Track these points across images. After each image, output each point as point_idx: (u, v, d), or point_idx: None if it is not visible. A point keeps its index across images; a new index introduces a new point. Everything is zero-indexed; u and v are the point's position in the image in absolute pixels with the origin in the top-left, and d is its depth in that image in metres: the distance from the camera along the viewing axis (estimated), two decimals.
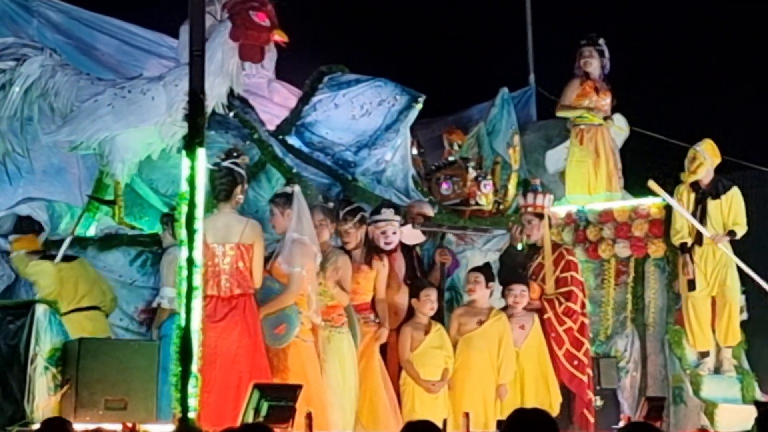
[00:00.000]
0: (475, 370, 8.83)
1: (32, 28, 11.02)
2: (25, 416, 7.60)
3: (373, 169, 10.77)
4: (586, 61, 11.29)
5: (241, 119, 10.15)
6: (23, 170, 9.89)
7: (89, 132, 9.36)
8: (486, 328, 8.93)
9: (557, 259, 9.45)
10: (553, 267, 9.41)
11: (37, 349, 7.71)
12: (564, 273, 9.39)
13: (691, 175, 10.31)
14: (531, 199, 9.66)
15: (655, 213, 10.63)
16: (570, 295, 9.35)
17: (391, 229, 8.99)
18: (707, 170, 10.30)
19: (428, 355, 8.76)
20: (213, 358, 7.50)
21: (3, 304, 8.30)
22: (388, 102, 10.98)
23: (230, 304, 7.86)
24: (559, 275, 9.39)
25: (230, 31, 9.16)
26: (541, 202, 9.61)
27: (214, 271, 7.82)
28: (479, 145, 12.00)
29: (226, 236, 7.92)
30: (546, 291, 9.37)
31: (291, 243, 8.11)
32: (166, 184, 9.77)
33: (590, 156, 11.15)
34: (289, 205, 8.23)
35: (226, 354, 7.75)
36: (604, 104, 11.33)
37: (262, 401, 7.26)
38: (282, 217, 8.27)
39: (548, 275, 9.36)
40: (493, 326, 8.95)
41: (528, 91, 13.42)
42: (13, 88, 9.42)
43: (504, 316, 9.06)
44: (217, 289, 7.84)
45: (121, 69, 11.15)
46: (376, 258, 8.82)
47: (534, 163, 11.92)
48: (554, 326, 9.29)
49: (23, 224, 9.21)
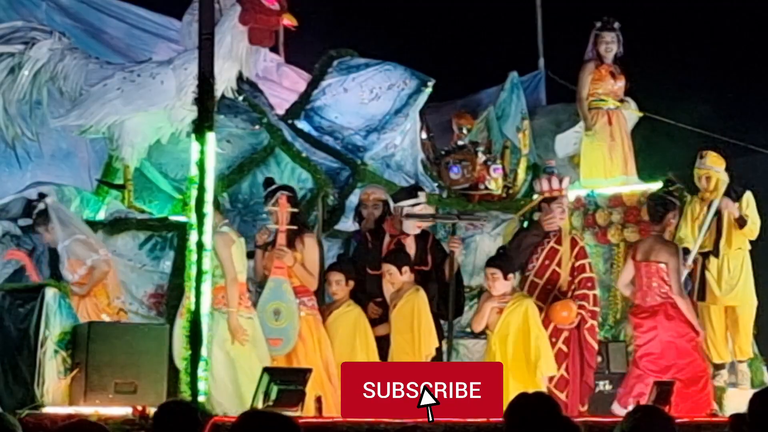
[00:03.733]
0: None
1: (41, 11, 11.01)
2: (35, 399, 7.63)
3: (382, 153, 10.76)
4: (607, 46, 11.17)
5: (250, 103, 10.14)
6: (32, 154, 9.90)
7: (98, 116, 9.36)
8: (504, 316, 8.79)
9: (571, 245, 9.27)
10: (569, 253, 9.21)
11: (47, 332, 7.74)
12: (580, 260, 9.22)
13: (712, 193, 10.10)
14: (547, 185, 9.37)
15: None
16: (588, 282, 9.20)
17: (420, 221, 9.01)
18: (723, 182, 10.18)
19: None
20: None
21: (12, 287, 8.33)
22: (398, 86, 10.96)
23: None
24: (575, 263, 9.20)
25: (240, 15, 9.14)
26: (558, 186, 9.34)
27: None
28: (488, 129, 11.97)
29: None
30: (562, 277, 9.16)
31: (67, 250, 8.47)
32: (176, 168, 9.77)
33: (605, 140, 11.09)
34: (48, 220, 8.57)
35: None
36: (619, 88, 11.28)
37: (272, 385, 7.28)
38: (49, 233, 8.62)
39: (565, 261, 9.21)
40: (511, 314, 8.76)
41: (537, 75, 13.37)
42: (22, 71, 9.41)
43: (524, 300, 8.82)
44: None
45: (130, 53, 11.14)
46: (299, 239, 8.64)
47: (543, 147, 11.89)
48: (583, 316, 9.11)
49: (32, 209, 9.21)
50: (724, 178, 10.13)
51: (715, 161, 10.18)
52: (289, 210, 8.59)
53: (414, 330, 8.59)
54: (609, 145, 11.07)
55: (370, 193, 9.43)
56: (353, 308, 8.77)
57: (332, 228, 9.92)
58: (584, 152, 11.20)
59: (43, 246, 9.07)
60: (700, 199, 10.23)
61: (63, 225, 8.60)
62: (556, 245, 9.20)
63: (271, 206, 8.65)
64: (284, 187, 8.88)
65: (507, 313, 8.72)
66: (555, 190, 9.29)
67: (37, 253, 9.27)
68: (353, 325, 8.70)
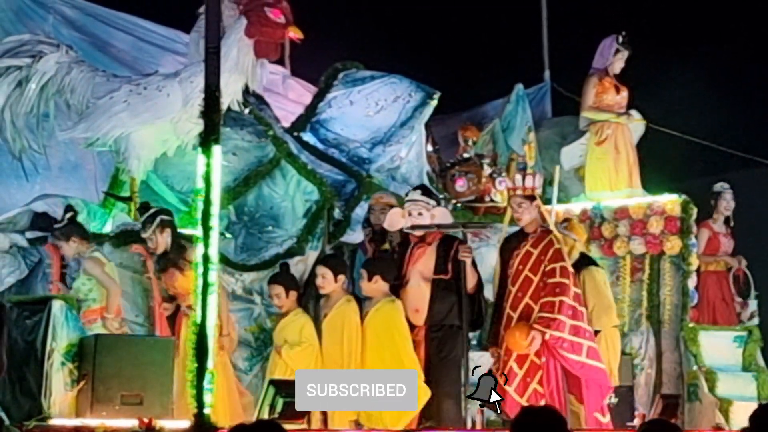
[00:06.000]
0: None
1: (48, 24, 11.06)
2: (42, 411, 7.65)
3: (387, 165, 10.76)
4: (621, 61, 11.18)
5: (256, 116, 10.16)
6: (39, 167, 9.94)
7: (105, 129, 9.39)
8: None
9: (545, 246, 8.49)
10: (541, 256, 8.49)
11: (53, 344, 7.76)
12: (552, 264, 8.42)
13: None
14: (519, 182, 8.62)
15: (671, 210, 10.61)
16: (557, 288, 8.42)
17: (415, 209, 8.59)
18: (577, 250, 9.36)
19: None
20: None
21: (19, 299, 8.36)
22: (403, 99, 10.97)
23: None
24: (546, 266, 8.42)
25: (245, 28, 9.18)
26: (531, 184, 8.61)
27: None
28: (494, 141, 11.99)
29: None
30: (534, 283, 8.44)
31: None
32: (182, 180, 9.78)
33: (610, 152, 11.10)
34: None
35: None
36: (622, 99, 11.30)
37: (278, 398, 7.29)
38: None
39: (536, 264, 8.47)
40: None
41: (543, 88, 13.40)
42: (30, 84, 9.45)
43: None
44: None
45: (137, 66, 11.19)
46: (183, 259, 8.58)
47: (549, 159, 11.89)
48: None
49: (40, 221, 9.25)
50: (580, 247, 9.51)
51: (576, 230, 9.66)
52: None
53: (344, 342, 8.41)
54: (614, 157, 11.08)
55: (378, 197, 9.44)
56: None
57: (338, 240, 9.93)
58: (589, 164, 11.21)
59: (50, 259, 9.10)
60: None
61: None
62: (531, 248, 8.56)
63: (150, 233, 8.78)
64: (162, 211, 8.95)
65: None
66: (527, 189, 8.63)
67: (43, 266, 9.30)
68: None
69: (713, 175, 11.84)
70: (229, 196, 9.56)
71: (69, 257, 8.87)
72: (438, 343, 8.43)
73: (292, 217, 9.90)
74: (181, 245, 8.70)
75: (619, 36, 11.17)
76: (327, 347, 8.46)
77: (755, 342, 10.59)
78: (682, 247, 10.51)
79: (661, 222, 10.58)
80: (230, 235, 9.59)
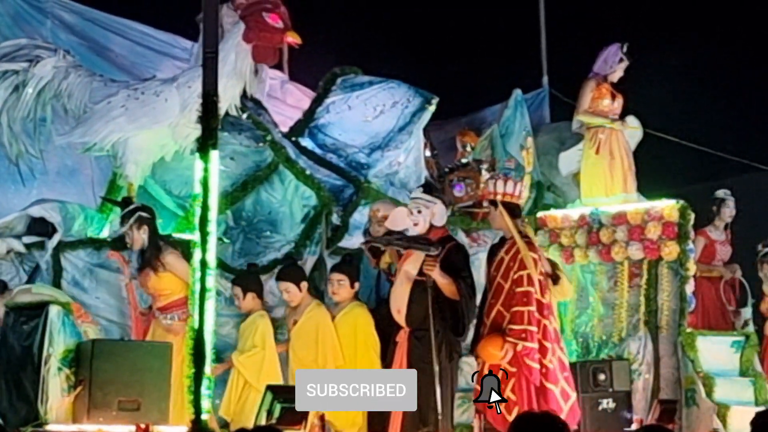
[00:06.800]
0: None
1: (46, 29, 11.06)
2: (39, 417, 7.64)
3: (386, 171, 10.76)
4: (620, 71, 11.18)
5: (254, 121, 10.16)
6: (36, 171, 9.92)
7: (102, 133, 9.38)
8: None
9: (515, 253, 8.44)
10: (511, 263, 8.44)
11: (50, 349, 7.75)
12: (520, 271, 8.38)
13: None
14: (501, 187, 8.61)
15: (669, 215, 10.59)
16: (524, 297, 8.37)
17: (416, 207, 8.50)
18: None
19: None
20: None
21: (17, 305, 8.33)
22: (401, 104, 10.98)
23: None
24: (515, 274, 8.40)
25: (243, 33, 9.17)
26: (511, 190, 8.56)
27: None
28: (492, 147, 11.98)
29: None
30: (505, 290, 8.45)
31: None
32: (180, 185, 9.78)
33: (605, 158, 11.10)
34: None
35: None
36: (617, 107, 11.31)
37: (275, 403, 7.27)
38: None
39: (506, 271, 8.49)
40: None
41: (541, 93, 13.40)
42: (27, 89, 9.44)
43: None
44: None
45: (135, 70, 11.18)
46: (157, 260, 8.62)
47: (547, 165, 11.90)
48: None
49: (37, 226, 9.24)
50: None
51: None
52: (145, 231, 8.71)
53: (318, 345, 8.54)
54: (609, 162, 11.08)
55: (376, 210, 9.42)
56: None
57: (336, 245, 9.92)
58: (584, 170, 11.20)
59: (47, 263, 9.09)
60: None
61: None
62: (504, 255, 8.53)
63: (127, 228, 8.77)
64: (143, 207, 8.92)
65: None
66: (514, 196, 8.62)
67: (41, 270, 9.29)
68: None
69: (711, 180, 11.85)
70: (227, 201, 9.57)
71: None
72: (413, 347, 8.35)
73: (290, 222, 9.90)
74: (158, 246, 8.68)
75: (624, 45, 11.19)
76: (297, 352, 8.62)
77: (753, 347, 10.57)
78: (679, 252, 10.49)
79: (658, 227, 10.57)
80: (228, 240, 9.58)
